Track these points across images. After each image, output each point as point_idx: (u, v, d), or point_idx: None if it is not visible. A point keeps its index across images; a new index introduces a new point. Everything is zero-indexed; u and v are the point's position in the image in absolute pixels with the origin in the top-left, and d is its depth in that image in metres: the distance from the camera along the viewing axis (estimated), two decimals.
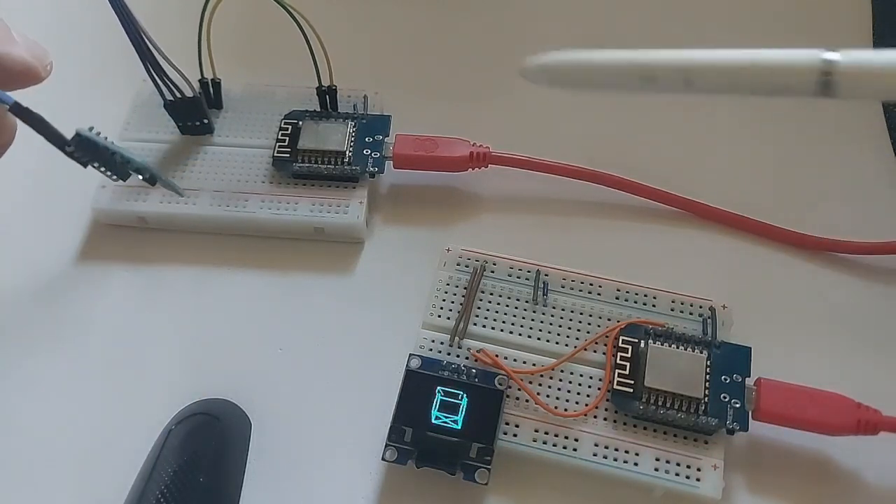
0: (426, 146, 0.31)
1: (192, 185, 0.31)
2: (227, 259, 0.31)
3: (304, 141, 0.31)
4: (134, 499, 0.24)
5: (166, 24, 0.29)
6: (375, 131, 0.32)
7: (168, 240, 0.31)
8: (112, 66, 0.34)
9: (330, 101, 0.32)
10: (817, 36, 0.36)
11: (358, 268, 0.31)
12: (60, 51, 0.36)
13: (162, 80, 0.29)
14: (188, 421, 0.26)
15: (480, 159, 0.31)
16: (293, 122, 0.32)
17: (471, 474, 0.25)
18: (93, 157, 0.27)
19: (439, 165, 0.31)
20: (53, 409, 0.28)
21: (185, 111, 0.31)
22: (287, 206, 0.31)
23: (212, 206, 0.31)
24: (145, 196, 0.31)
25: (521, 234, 0.31)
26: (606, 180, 0.31)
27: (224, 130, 0.33)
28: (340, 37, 0.30)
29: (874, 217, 0.31)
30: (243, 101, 0.33)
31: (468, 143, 0.31)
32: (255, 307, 0.30)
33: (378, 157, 0.31)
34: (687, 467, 0.25)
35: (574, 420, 0.26)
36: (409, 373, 0.26)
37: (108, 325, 0.30)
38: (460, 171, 0.31)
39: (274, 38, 0.31)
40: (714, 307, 0.28)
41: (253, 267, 0.31)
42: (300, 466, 0.27)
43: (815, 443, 0.26)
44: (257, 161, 0.32)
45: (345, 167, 0.31)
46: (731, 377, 0.26)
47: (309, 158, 0.31)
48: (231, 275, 0.31)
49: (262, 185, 0.31)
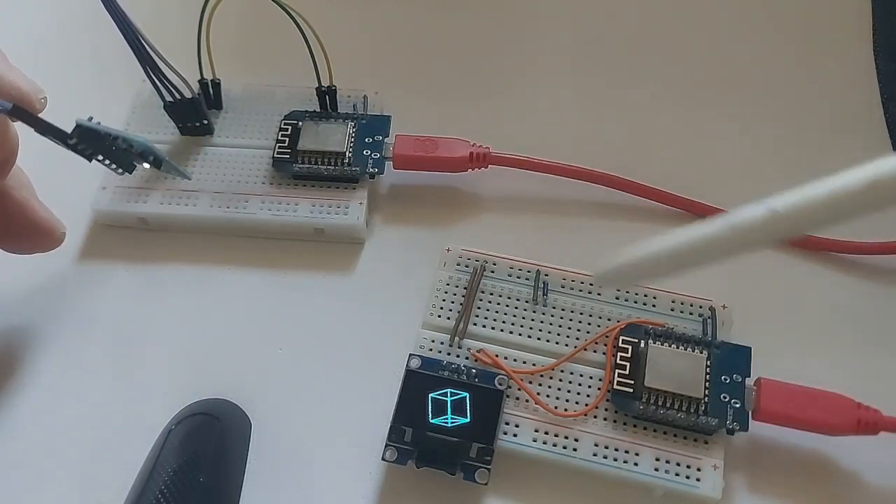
0: (426, 147, 0.31)
1: (192, 187, 0.31)
2: (228, 259, 0.31)
3: (304, 142, 0.31)
4: (134, 499, 0.24)
5: (166, 25, 0.29)
6: (375, 132, 0.32)
7: (168, 240, 0.31)
8: (111, 67, 0.34)
9: (330, 101, 0.32)
10: (817, 36, 0.36)
11: (358, 268, 0.31)
12: (59, 51, 0.37)
13: (161, 82, 0.29)
14: (188, 421, 0.26)
15: (480, 160, 0.31)
16: (293, 123, 0.32)
17: (471, 474, 0.25)
18: (96, 149, 0.27)
19: (439, 166, 0.31)
20: (53, 409, 0.28)
21: (184, 112, 0.31)
22: (287, 207, 0.31)
23: (212, 207, 0.31)
24: (146, 197, 0.31)
25: (521, 235, 0.31)
26: (606, 180, 0.31)
27: (224, 131, 0.33)
28: (340, 37, 0.30)
29: (874, 217, 0.31)
30: (243, 101, 0.33)
31: (468, 144, 0.31)
32: (255, 307, 0.30)
33: (378, 158, 0.31)
34: (687, 467, 0.25)
35: (574, 420, 0.26)
36: (409, 373, 0.26)
37: (108, 325, 0.30)
38: (460, 171, 0.31)
39: (273, 39, 0.31)
40: (714, 307, 0.28)
41: (253, 267, 0.31)
42: (300, 466, 0.27)
43: (815, 443, 0.26)
44: (257, 162, 0.32)
45: (345, 168, 0.31)
46: (731, 377, 0.26)
47: (309, 159, 0.31)
48: (231, 275, 0.31)
49: (262, 186, 0.31)
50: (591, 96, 0.35)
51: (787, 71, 0.35)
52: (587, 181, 0.31)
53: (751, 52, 0.36)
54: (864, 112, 0.34)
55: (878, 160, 0.17)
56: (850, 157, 0.32)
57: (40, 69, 0.27)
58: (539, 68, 0.36)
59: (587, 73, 0.36)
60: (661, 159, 0.33)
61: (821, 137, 0.33)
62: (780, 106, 0.34)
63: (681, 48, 0.36)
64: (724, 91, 0.35)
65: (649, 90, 0.35)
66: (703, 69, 0.36)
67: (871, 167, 0.17)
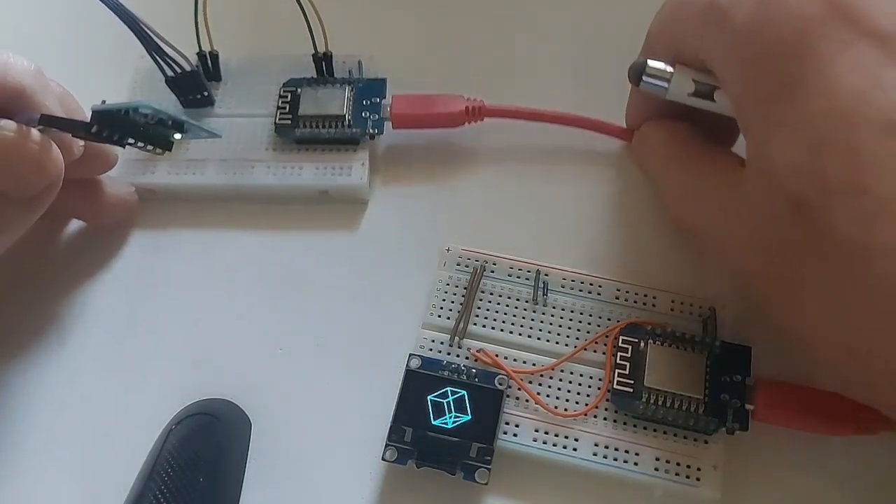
0: (423, 104, 0.32)
1: (197, 157, 0.32)
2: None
3: (304, 107, 0.32)
4: (134, 499, 0.24)
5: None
6: (372, 94, 0.32)
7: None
8: (107, 46, 0.34)
9: (326, 67, 0.33)
10: None
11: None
12: (52, 33, 0.37)
13: (161, 58, 0.30)
14: (188, 421, 0.26)
15: (476, 113, 0.32)
16: (292, 90, 0.32)
17: (471, 474, 0.25)
18: (122, 132, 0.25)
19: (437, 122, 0.32)
20: (53, 409, 0.28)
21: (185, 85, 0.32)
22: (292, 172, 0.31)
23: (219, 174, 0.31)
24: (153, 168, 0.32)
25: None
26: (597, 126, 0.32)
27: (224, 102, 0.33)
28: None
29: None
30: (241, 72, 0.34)
31: (463, 99, 0.32)
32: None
33: (377, 119, 0.32)
34: (687, 467, 0.25)
35: (574, 420, 0.26)
36: (409, 373, 0.26)
37: (108, 324, 0.30)
38: (457, 126, 0.32)
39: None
40: (714, 307, 0.28)
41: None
42: (300, 466, 0.27)
43: (815, 443, 0.26)
44: (259, 130, 0.32)
45: (345, 130, 0.31)
46: (731, 377, 0.26)
47: (310, 124, 0.32)
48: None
49: (265, 153, 0.32)
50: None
51: None
52: (580, 128, 0.32)
53: None
54: None
55: None
56: None
57: (34, 53, 0.27)
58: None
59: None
60: None
61: None
62: None
63: None
64: None
65: None
66: None
67: None
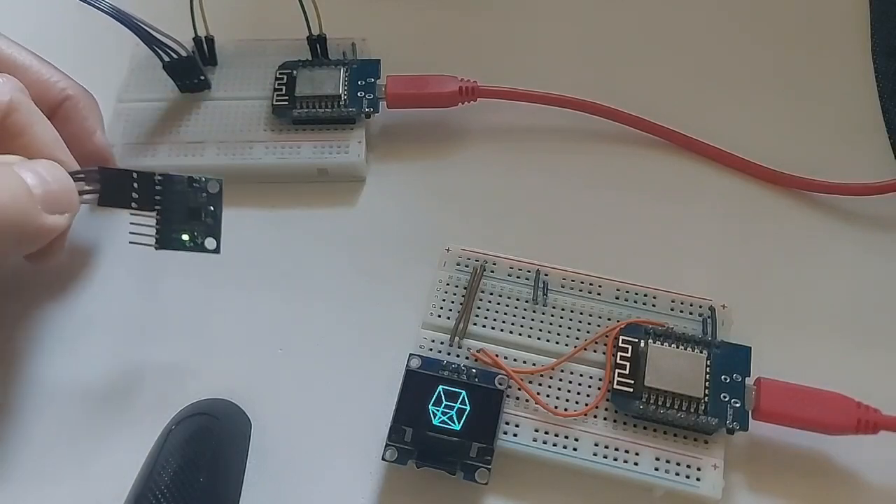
0: (417, 84, 0.33)
1: (196, 139, 0.32)
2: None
3: (300, 88, 0.32)
4: (133, 499, 0.24)
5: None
6: (367, 75, 0.33)
7: None
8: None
9: (321, 49, 0.34)
10: (815, 34, 0.36)
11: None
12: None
13: (157, 47, 0.30)
14: (188, 421, 0.26)
15: (469, 93, 0.32)
16: (287, 72, 0.33)
17: (471, 474, 0.25)
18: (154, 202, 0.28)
19: (431, 102, 0.33)
20: (53, 409, 0.28)
21: (182, 70, 0.32)
22: (290, 151, 0.32)
23: (218, 155, 0.32)
24: (154, 151, 0.32)
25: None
26: (594, 109, 0.33)
27: (221, 85, 0.34)
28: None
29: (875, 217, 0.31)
30: (236, 56, 0.35)
31: (457, 79, 0.32)
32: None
33: (372, 98, 0.32)
34: (687, 467, 0.25)
35: (574, 420, 0.26)
36: (409, 373, 0.26)
37: (108, 323, 0.30)
38: (451, 105, 0.33)
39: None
40: (714, 307, 0.28)
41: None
42: (300, 466, 0.27)
43: (815, 443, 0.26)
44: (256, 112, 0.33)
45: (342, 109, 0.32)
46: (731, 377, 0.26)
47: (307, 104, 0.32)
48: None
49: (264, 133, 0.33)
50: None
51: (785, 69, 0.35)
52: (575, 110, 0.33)
53: (749, 51, 0.36)
54: (862, 110, 0.34)
55: None
56: (848, 155, 0.33)
57: (31, 45, 0.27)
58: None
59: None
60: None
61: (819, 135, 0.33)
62: (779, 105, 0.34)
63: (679, 46, 0.36)
64: (720, 92, 0.35)
65: None
66: (697, 70, 0.36)
67: None
